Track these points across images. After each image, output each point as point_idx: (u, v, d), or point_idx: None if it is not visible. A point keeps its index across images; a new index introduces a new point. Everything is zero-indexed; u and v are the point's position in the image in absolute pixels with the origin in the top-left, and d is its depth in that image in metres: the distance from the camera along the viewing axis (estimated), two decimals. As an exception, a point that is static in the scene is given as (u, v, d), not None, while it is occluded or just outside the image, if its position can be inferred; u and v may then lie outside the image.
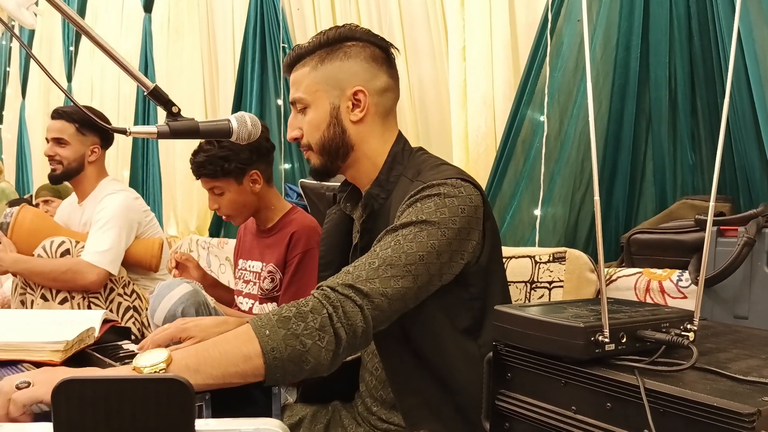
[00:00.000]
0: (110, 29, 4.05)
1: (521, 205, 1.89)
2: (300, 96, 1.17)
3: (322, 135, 1.16)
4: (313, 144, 1.17)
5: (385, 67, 1.19)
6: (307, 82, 1.16)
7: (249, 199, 1.82)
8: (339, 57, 1.15)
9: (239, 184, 1.79)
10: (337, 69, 1.15)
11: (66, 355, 1.14)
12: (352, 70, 1.15)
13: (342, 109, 1.15)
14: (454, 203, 1.02)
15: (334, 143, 1.16)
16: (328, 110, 1.15)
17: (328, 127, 1.15)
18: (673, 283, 1.40)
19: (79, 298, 1.99)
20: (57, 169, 2.19)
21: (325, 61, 1.15)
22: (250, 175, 1.79)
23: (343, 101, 1.15)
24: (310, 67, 1.16)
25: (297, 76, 1.18)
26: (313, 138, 1.17)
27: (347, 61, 1.15)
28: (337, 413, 1.28)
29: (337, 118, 1.15)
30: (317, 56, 1.16)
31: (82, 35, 1.12)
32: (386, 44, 1.20)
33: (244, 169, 1.77)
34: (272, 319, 0.88)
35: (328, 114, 1.15)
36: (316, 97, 1.16)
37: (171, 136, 0.98)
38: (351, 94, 1.15)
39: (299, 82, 1.18)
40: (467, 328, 1.08)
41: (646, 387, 0.67)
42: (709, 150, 1.62)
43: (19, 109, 5.37)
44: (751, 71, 1.43)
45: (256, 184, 1.81)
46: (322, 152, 1.17)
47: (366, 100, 1.15)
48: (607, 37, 1.71)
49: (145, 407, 0.49)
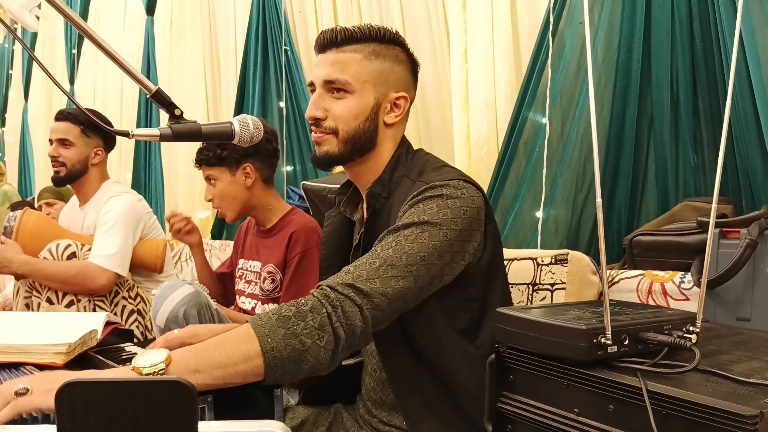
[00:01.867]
0: (112, 32, 4.06)
1: (523, 207, 1.89)
2: (346, 79, 1.13)
3: (357, 126, 1.14)
4: (342, 131, 1.14)
5: (416, 83, 1.22)
6: (358, 69, 1.14)
7: (240, 192, 1.84)
8: (392, 57, 1.16)
9: (232, 174, 1.83)
10: (389, 69, 1.16)
11: (68, 357, 1.14)
12: (402, 75, 1.17)
13: (382, 107, 1.16)
14: (456, 204, 1.02)
15: (364, 137, 1.15)
16: (371, 105, 1.15)
17: (365, 120, 1.14)
18: (675, 285, 1.40)
19: (85, 301, 1.98)
20: (60, 171, 2.18)
21: (379, 55, 1.15)
22: (244, 168, 1.82)
23: (386, 101, 1.16)
24: (363, 55, 1.14)
25: (345, 58, 1.14)
26: (346, 125, 1.14)
27: (398, 65, 1.17)
28: (339, 416, 1.28)
29: (376, 114, 1.15)
30: (372, 48, 1.15)
31: (85, 38, 1.12)
32: (418, 63, 1.22)
33: (238, 159, 1.81)
34: (272, 319, 0.88)
35: (370, 108, 1.15)
36: (364, 87, 1.14)
37: (173, 138, 0.98)
38: (395, 97, 1.16)
39: (347, 64, 1.14)
40: (465, 329, 1.08)
41: (649, 389, 0.67)
42: (711, 152, 1.62)
43: (21, 111, 5.38)
44: (753, 73, 1.43)
45: (249, 179, 1.83)
46: (347, 142, 1.15)
47: (405, 106, 1.18)
48: (609, 39, 1.71)
49: (148, 410, 0.50)
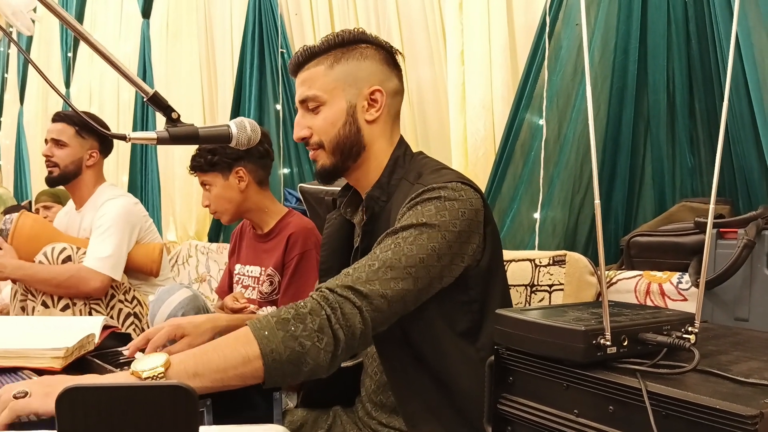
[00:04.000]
0: (108, 35, 4.04)
1: (521, 208, 1.89)
2: (314, 94, 1.15)
3: (337, 133, 1.15)
4: (326, 142, 1.16)
5: (395, 72, 1.20)
6: (323, 80, 1.15)
7: (235, 195, 1.84)
8: (356, 56, 1.15)
9: (225, 179, 1.83)
10: (355, 68, 1.15)
11: (66, 361, 1.14)
12: (370, 69, 1.16)
13: (358, 107, 1.15)
14: (455, 206, 1.02)
15: (348, 141, 1.15)
16: (345, 108, 1.15)
17: (343, 125, 1.14)
18: (673, 286, 1.40)
19: (81, 304, 1.98)
20: (53, 172, 2.18)
21: (341, 60, 1.15)
22: (236, 172, 1.83)
23: (360, 100, 1.15)
24: (325, 66, 1.15)
25: (310, 75, 1.16)
26: (327, 136, 1.15)
27: (364, 61, 1.15)
28: (338, 418, 1.28)
29: (353, 116, 1.15)
30: (332, 55, 1.15)
31: (81, 41, 1.12)
32: (394, 50, 1.21)
33: (230, 164, 1.82)
34: (271, 321, 0.87)
35: (345, 112, 1.14)
36: (333, 95, 1.15)
37: (171, 141, 0.98)
38: (368, 93, 1.15)
39: (312, 80, 1.16)
40: (465, 332, 1.08)
41: (649, 390, 0.67)
42: (708, 152, 1.62)
43: (17, 115, 5.36)
44: (749, 74, 1.43)
45: (242, 182, 1.83)
46: (334, 151, 1.16)
47: (383, 99, 1.16)
48: (606, 41, 1.71)
49: (148, 414, 0.49)
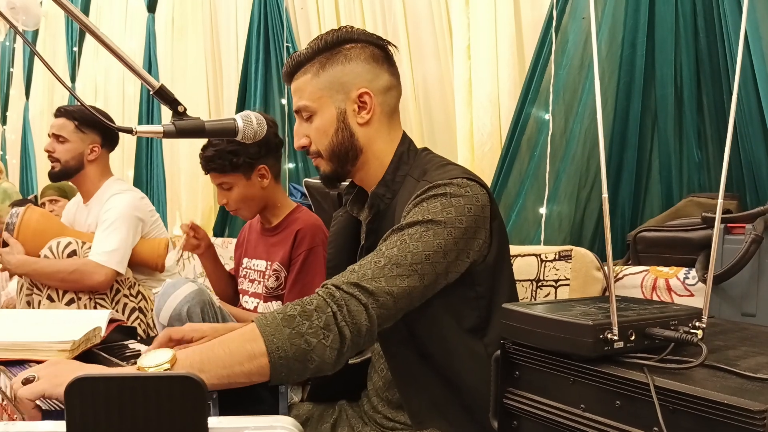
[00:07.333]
0: (114, 29, 4.05)
1: (527, 203, 1.89)
2: (304, 104, 1.15)
3: (330, 141, 1.15)
4: (322, 150, 1.16)
5: (386, 66, 1.18)
6: (310, 89, 1.15)
7: (257, 193, 1.82)
8: (340, 60, 1.14)
9: (248, 179, 1.80)
10: (340, 73, 1.14)
11: (73, 354, 1.15)
12: (355, 72, 1.14)
13: (348, 112, 1.15)
14: (461, 203, 1.02)
15: (343, 148, 1.15)
16: (335, 115, 1.14)
17: (336, 132, 1.15)
18: (680, 281, 1.40)
19: (86, 299, 1.99)
20: (55, 167, 2.19)
21: (326, 66, 1.14)
22: (258, 170, 1.80)
23: (349, 104, 1.14)
24: (311, 74, 1.15)
25: (299, 84, 1.17)
26: (321, 144, 1.16)
27: (348, 64, 1.14)
28: (344, 412, 1.28)
29: (345, 122, 1.14)
30: (317, 62, 1.15)
31: (86, 35, 1.12)
32: (384, 43, 1.19)
33: (252, 163, 1.78)
34: (277, 318, 0.87)
35: (335, 119, 1.14)
36: (321, 103, 1.15)
37: (177, 135, 0.98)
38: (356, 97, 1.14)
39: (302, 90, 1.16)
40: (473, 328, 1.08)
41: (656, 384, 0.67)
42: (715, 147, 1.61)
43: (22, 109, 5.38)
44: (757, 68, 1.42)
45: (264, 179, 1.81)
46: (332, 158, 1.16)
47: (372, 101, 1.15)
48: (613, 35, 1.70)
49: (158, 405, 0.49)
